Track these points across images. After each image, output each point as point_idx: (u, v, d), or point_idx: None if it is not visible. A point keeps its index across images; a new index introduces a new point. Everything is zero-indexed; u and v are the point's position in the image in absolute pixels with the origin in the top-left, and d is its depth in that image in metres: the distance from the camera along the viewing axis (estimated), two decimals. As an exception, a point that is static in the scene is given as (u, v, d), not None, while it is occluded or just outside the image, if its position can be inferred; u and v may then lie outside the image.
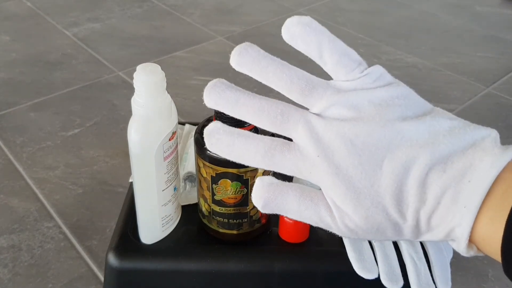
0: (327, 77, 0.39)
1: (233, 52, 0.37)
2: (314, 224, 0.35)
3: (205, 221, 0.60)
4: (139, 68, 0.50)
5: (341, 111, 0.34)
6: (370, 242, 0.59)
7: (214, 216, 0.58)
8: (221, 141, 0.36)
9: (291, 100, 0.37)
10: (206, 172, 0.54)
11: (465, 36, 1.57)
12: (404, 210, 0.32)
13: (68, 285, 0.74)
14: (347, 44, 0.39)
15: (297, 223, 0.58)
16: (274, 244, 0.60)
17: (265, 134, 0.37)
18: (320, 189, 0.35)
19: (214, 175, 0.54)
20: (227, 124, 0.52)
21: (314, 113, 0.35)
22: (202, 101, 0.36)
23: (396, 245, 0.59)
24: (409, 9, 1.74)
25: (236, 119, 0.52)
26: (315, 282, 0.58)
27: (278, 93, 0.39)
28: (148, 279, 0.58)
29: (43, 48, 1.40)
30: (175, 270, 0.58)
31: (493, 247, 0.30)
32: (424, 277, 0.56)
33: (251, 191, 0.55)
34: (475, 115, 1.17)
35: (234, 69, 0.41)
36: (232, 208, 0.56)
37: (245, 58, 0.37)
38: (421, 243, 0.59)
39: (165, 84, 0.51)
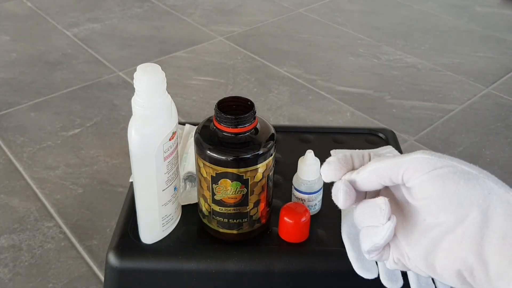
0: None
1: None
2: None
3: (205, 221, 0.60)
4: (139, 68, 0.50)
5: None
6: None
7: (214, 216, 0.58)
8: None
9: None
10: (206, 172, 0.55)
11: (465, 36, 1.58)
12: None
13: (68, 284, 0.74)
14: (346, 43, 0.40)
15: (297, 223, 0.58)
16: (274, 244, 0.60)
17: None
18: None
19: (214, 175, 0.54)
20: (227, 125, 0.53)
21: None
22: (202, 101, 0.37)
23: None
24: (409, 9, 1.74)
25: (236, 120, 0.52)
26: (315, 282, 0.58)
27: (279, 93, 0.39)
28: (148, 279, 0.58)
29: (43, 48, 1.40)
30: (175, 270, 0.58)
31: None
32: (423, 277, 0.56)
33: (251, 191, 0.55)
34: (474, 115, 1.17)
35: (234, 69, 0.42)
36: (232, 208, 0.56)
37: None
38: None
39: (165, 84, 0.51)
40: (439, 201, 0.37)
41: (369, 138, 0.78)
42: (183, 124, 0.78)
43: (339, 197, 0.41)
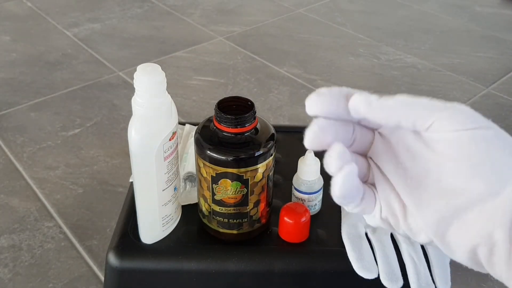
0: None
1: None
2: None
3: (205, 221, 0.60)
4: (139, 68, 0.50)
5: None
6: (370, 242, 0.59)
7: (214, 216, 0.58)
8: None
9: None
10: (206, 172, 0.55)
11: (464, 36, 1.58)
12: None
13: (68, 284, 0.74)
14: (346, 43, 0.39)
15: (297, 223, 0.58)
16: (274, 244, 0.60)
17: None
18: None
19: (214, 175, 0.54)
20: (227, 125, 0.53)
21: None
22: (202, 101, 0.36)
23: (396, 245, 0.59)
24: (409, 9, 1.74)
25: (236, 120, 0.52)
26: (315, 282, 0.58)
27: (279, 93, 0.39)
28: (148, 279, 0.58)
29: (43, 48, 1.40)
30: (175, 270, 0.58)
31: None
32: (424, 277, 0.56)
33: (251, 191, 0.55)
34: (474, 115, 1.17)
35: (234, 69, 0.41)
36: (232, 208, 0.56)
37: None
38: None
39: (165, 84, 0.52)
40: (479, 166, 0.32)
41: (369, 138, 0.78)
42: (183, 124, 0.78)
43: (307, 134, 0.35)
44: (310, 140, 0.35)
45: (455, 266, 0.65)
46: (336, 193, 0.34)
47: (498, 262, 0.31)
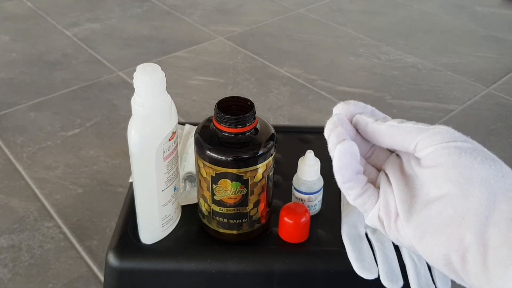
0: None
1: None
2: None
3: (205, 221, 0.60)
4: (139, 68, 0.50)
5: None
6: (370, 242, 0.59)
7: (214, 216, 0.58)
8: None
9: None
10: (206, 172, 0.54)
11: (465, 36, 1.58)
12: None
13: (68, 285, 0.74)
14: (347, 43, 0.40)
15: (297, 223, 0.58)
16: (274, 244, 0.60)
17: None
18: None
19: (214, 175, 0.54)
20: (227, 125, 0.53)
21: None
22: (202, 101, 0.37)
23: (396, 245, 0.59)
24: (409, 9, 1.74)
25: (236, 120, 0.52)
26: (315, 282, 0.58)
27: (279, 93, 0.39)
28: (148, 279, 0.58)
29: (43, 48, 1.40)
30: (175, 270, 0.58)
31: None
32: (424, 277, 0.56)
33: (251, 192, 0.55)
34: (475, 115, 1.17)
35: (234, 69, 0.42)
36: (232, 208, 0.56)
37: None
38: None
39: (165, 84, 0.51)
40: (450, 170, 0.35)
41: (369, 138, 0.78)
42: (183, 124, 0.78)
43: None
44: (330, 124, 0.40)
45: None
46: (334, 164, 0.38)
47: (471, 268, 0.33)
